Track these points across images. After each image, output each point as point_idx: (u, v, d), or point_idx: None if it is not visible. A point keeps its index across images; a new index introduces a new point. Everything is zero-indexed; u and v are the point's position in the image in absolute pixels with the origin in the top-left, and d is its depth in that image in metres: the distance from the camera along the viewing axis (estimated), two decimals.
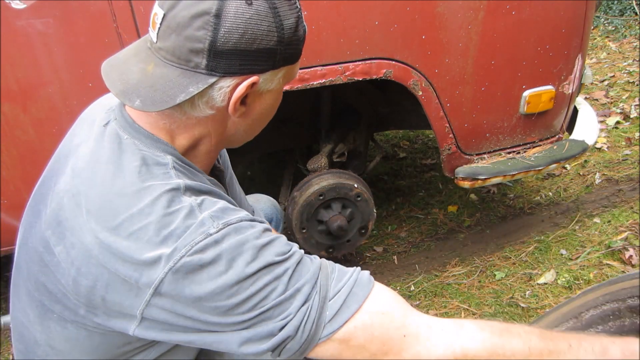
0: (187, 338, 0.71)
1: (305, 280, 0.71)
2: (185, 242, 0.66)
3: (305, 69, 1.51)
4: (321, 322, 0.70)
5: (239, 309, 0.68)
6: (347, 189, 1.87)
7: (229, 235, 0.68)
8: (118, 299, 0.69)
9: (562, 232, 2.29)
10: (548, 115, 1.88)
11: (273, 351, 0.70)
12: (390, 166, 3.20)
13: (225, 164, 1.10)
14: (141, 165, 0.72)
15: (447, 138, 1.77)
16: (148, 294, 0.67)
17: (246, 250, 0.68)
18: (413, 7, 1.53)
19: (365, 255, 2.36)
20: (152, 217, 0.67)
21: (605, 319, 0.98)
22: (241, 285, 0.67)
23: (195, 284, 0.66)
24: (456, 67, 1.65)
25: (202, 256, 0.66)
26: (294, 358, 0.72)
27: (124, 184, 0.70)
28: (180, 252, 0.66)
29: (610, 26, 5.49)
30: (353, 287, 0.72)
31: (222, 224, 0.69)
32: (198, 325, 0.69)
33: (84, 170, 0.74)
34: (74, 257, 0.69)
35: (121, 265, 0.67)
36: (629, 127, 3.22)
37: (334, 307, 0.70)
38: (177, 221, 0.67)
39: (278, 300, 0.69)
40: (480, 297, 1.95)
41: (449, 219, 2.56)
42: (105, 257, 0.67)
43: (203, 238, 0.67)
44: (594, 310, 1.00)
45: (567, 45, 1.76)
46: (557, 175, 2.83)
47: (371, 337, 0.70)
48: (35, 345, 0.80)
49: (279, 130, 2.14)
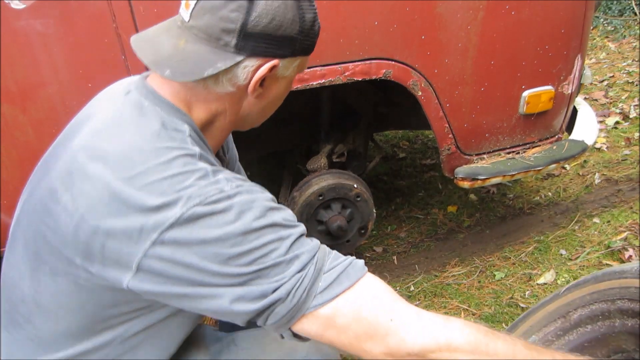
0: (181, 291, 0.70)
1: (305, 250, 0.74)
2: (200, 193, 0.69)
3: (305, 69, 1.51)
4: (312, 292, 0.71)
5: (239, 261, 0.69)
6: (347, 189, 1.87)
7: (241, 193, 0.72)
8: (118, 246, 0.69)
9: (561, 232, 2.29)
10: (547, 116, 1.88)
11: (261, 315, 0.72)
12: (389, 166, 3.20)
13: (232, 157, 1.14)
14: (161, 129, 0.75)
15: (446, 138, 1.77)
16: (150, 240, 0.68)
17: (256, 207, 0.72)
18: (412, 7, 1.53)
19: (365, 255, 2.36)
20: (168, 172, 0.70)
21: (595, 318, 0.98)
22: (246, 237, 0.69)
23: (203, 228, 0.68)
24: (456, 67, 1.65)
25: (214, 206, 0.69)
26: (279, 327, 0.73)
27: (143, 142, 0.73)
28: (194, 201, 0.68)
29: (610, 26, 5.50)
30: (347, 267, 0.76)
31: (236, 185, 0.73)
32: (195, 275, 0.69)
33: (102, 130, 0.76)
34: (80, 203, 0.71)
35: (129, 213, 0.68)
36: (628, 127, 3.22)
37: (327, 280, 0.73)
38: (192, 179, 0.70)
39: (277, 261, 0.71)
40: (480, 298, 1.95)
41: (449, 219, 2.56)
42: (113, 205, 0.69)
43: (217, 193, 0.70)
44: (582, 310, 1.00)
45: (567, 46, 1.76)
46: (557, 175, 2.84)
47: (358, 317, 0.71)
48: (21, 303, 0.79)
49: (279, 131, 2.14)
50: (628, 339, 0.93)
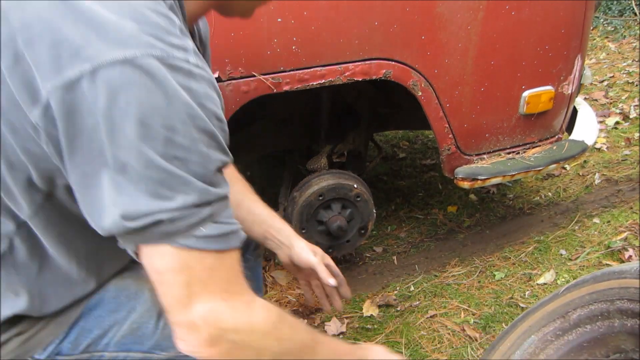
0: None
1: (220, 192, 0.63)
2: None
3: (305, 69, 1.51)
4: (190, 231, 0.61)
5: (163, 145, 0.56)
6: (347, 189, 1.87)
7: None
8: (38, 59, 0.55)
9: (561, 233, 2.29)
10: (547, 116, 1.88)
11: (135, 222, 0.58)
12: (389, 166, 3.20)
13: (205, 47, 0.97)
14: None
15: (446, 138, 1.77)
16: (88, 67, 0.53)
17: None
18: (412, 7, 1.53)
19: (365, 255, 2.36)
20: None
21: (594, 319, 0.98)
22: (190, 126, 0.58)
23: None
24: (456, 67, 1.65)
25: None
26: (131, 244, 0.62)
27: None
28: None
29: (610, 27, 5.50)
30: (231, 233, 0.66)
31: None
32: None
33: None
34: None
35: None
36: (628, 128, 3.23)
37: (210, 230, 0.62)
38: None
39: (188, 178, 0.59)
40: (480, 298, 1.95)
41: (449, 219, 2.56)
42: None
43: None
44: (582, 310, 1.00)
45: (567, 46, 1.76)
46: (557, 175, 2.84)
47: (210, 272, 0.63)
48: None
49: (279, 131, 2.14)
50: (627, 339, 0.93)
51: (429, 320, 1.86)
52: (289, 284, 2.04)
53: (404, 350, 1.73)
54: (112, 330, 0.85)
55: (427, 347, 1.74)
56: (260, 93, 1.51)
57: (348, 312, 1.97)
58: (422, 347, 1.75)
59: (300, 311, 1.98)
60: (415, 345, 1.75)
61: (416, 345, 1.75)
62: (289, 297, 1.98)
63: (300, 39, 1.45)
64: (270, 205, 1.31)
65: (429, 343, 1.76)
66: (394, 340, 1.78)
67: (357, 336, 1.83)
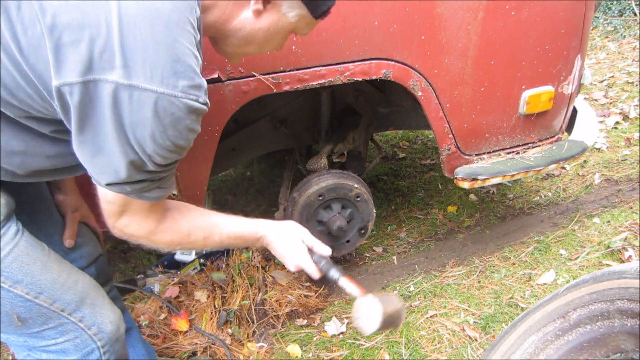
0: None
1: (169, 174, 0.93)
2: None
3: (305, 69, 1.51)
4: (141, 192, 0.91)
5: (152, 153, 0.82)
6: (347, 189, 1.87)
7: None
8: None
9: (561, 233, 2.29)
10: (547, 116, 1.88)
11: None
12: (389, 166, 3.20)
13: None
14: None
15: (446, 138, 1.77)
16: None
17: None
18: (412, 7, 1.53)
19: (365, 255, 2.36)
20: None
21: (594, 319, 0.98)
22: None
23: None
24: (455, 67, 1.65)
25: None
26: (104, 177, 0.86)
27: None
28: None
29: (610, 26, 5.50)
30: (164, 195, 0.96)
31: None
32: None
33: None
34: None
35: None
36: (628, 128, 3.23)
37: (154, 194, 0.93)
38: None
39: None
40: (480, 298, 1.95)
41: (449, 220, 2.56)
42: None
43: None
44: (582, 310, 1.00)
45: (567, 46, 1.76)
46: (557, 175, 2.84)
47: (138, 208, 0.94)
48: None
49: (279, 131, 2.14)
50: (627, 339, 0.93)
51: (429, 320, 1.86)
52: (289, 284, 2.04)
53: (404, 350, 1.73)
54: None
55: (427, 347, 1.74)
56: (260, 93, 1.51)
57: (348, 312, 1.97)
58: (422, 347, 1.75)
59: (301, 311, 1.99)
60: (415, 345, 1.75)
61: (416, 345, 1.75)
62: (289, 297, 1.98)
63: (300, 39, 1.45)
64: (270, 205, 1.31)
65: (429, 343, 1.76)
66: (394, 340, 1.78)
67: (357, 336, 1.83)
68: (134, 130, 0.78)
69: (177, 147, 0.84)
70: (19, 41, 0.73)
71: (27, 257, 0.94)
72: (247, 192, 3.01)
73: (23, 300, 0.94)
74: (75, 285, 1.02)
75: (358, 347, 1.78)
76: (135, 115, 0.76)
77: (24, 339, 1.00)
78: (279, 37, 0.99)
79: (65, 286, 0.99)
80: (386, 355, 1.73)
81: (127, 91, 0.74)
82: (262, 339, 1.87)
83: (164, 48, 0.75)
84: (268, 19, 0.94)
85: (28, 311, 0.95)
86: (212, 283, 1.97)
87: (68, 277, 1.01)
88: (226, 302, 1.92)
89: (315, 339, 1.85)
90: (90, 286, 1.07)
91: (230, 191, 3.06)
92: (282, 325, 1.93)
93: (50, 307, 0.97)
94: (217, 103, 1.46)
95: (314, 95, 2.02)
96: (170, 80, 0.75)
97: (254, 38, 0.97)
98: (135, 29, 0.73)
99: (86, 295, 1.04)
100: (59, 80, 0.74)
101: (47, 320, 0.98)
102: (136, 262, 2.44)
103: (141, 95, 0.74)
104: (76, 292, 1.01)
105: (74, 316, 1.01)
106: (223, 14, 0.93)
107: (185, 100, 0.77)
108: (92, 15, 0.72)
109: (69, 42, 0.72)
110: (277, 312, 1.94)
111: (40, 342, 1.01)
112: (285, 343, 1.84)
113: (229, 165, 2.24)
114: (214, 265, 2.07)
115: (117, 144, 0.79)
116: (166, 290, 1.97)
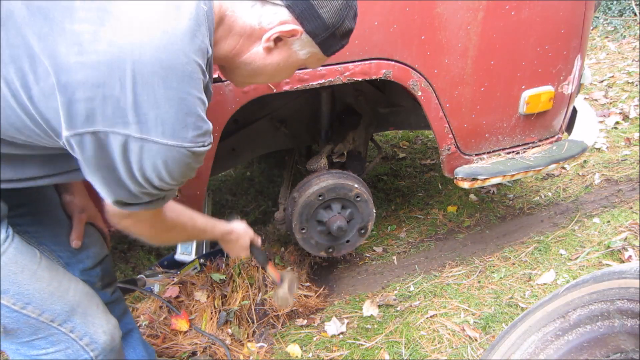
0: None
1: (172, 193, 0.97)
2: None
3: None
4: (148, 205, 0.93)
5: (158, 184, 0.87)
6: (347, 189, 1.87)
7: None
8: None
9: (561, 233, 2.29)
10: (547, 116, 1.88)
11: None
12: (389, 166, 3.20)
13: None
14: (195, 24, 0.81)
15: (446, 138, 1.77)
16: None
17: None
18: (412, 7, 1.53)
19: (365, 255, 2.36)
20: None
21: (594, 319, 0.98)
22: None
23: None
24: (455, 67, 1.65)
25: None
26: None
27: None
28: None
29: (610, 26, 5.50)
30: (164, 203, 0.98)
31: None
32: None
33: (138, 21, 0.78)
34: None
35: None
36: (628, 128, 3.23)
37: (157, 205, 0.95)
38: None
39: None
40: (480, 298, 1.95)
41: (449, 220, 2.56)
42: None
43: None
44: (582, 310, 1.00)
45: (567, 46, 1.76)
46: (557, 175, 2.84)
47: (143, 213, 0.96)
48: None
49: (279, 131, 2.14)
50: (627, 339, 0.93)
51: (429, 320, 1.86)
52: None
53: (404, 350, 1.73)
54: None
55: (427, 347, 1.74)
56: (260, 93, 1.51)
57: (348, 312, 1.97)
58: (422, 347, 1.74)
59: (301, 311, 1.98)
60: (415, 345, 1.75)
61: (416, 345, 1.75)
62: None
63: None
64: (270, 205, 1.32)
65: (429, 343, 1.76)
66: (394, 340, 1.78)
67: (357, 336, 1.83)
68: (142, 173, 0.82)
69: (183, 179, 0.89)
70: (30, 89, 0.75)
71: (14, 265, 0.92)
72: (247, 192, 3.01)
73: (9, 310, 0.92)
74: (66, 294, 1.00)
75: (358, 347, 1.78)
76: (144, 163, 0.80)
77: (15, 347, 0.99)
78: (289, 71, 1.01)
79: (55, 296, 0.98)
80: (386, 355, 1.73)
81: (138, 143, 0.77)
82: (262, 339, 1.87)
83: (176, 104, 0.77)
84: (279, 56, 0.95)
85: (15, 322, 0.93)
86: (212, 283, 1.97)
87: (59, 286, 0.99)
88: (226, 302, 1.92)
89: (315, 339, 1.85)
90: (83, 294, 1.05)
91: (230, 191, 3.06)
92: (282, 325, 1.93)
93: (39, 318, 0.96)
94: (218, 103, 1.46)
95: (314, 95, 2.02)
96: (181, 133, 0.79)
97: (262, 71, 0.98)
98: (149, 89, 0.75)
99: (77, 304, 1.02)
100: (69, 131, 0.76)
101: (36, 331, 0.96)
102: (136, 262, 2.44)
103: (152, 147, 0.78)
104: (67, 302, 0.99)
105: (64, 327, 0.99)
106: (234, 49, 0.94)
107: (193, 148, 0.81)
108: (106, 74, 0.73)
109: (83, 98, 0.73)
110: (277, 312, 1.94)
111: (31, 351, 0.99)
112: (285, 343, 1.84)
113: (229, 165, 2.24)
114: (214, 265, 2.07)
115: (125, 180, 0.83)
116: (166, 290, 1.97)
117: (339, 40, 0.98)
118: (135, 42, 0.74)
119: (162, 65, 0.75)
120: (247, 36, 0.92)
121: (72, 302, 1.00)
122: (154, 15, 0.76)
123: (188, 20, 0.78)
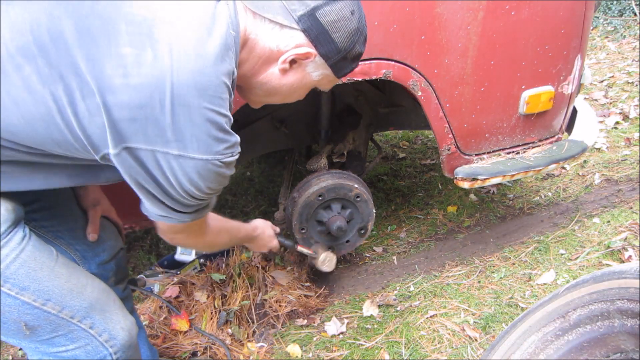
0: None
1: (211, 205, 1.07)
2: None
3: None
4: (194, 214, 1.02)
5: (200, 196, 0.96)
6: (347, 189, 1.87)
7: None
8: None
9: (561, 233, 2.29)
10: (547, 116, 1.88)
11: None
12: (389, 166, 3.20)
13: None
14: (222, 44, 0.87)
15: (446, 138, 1.77)
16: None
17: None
18: (412, 7, 1.53)
19: (365, 255, 2.36)
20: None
21: (594, 319, 0.98)
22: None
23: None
24: (455, 67, 1.65)
25: None
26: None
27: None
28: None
29: (610, 26, 5.50)
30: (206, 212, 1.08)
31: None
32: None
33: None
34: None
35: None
36: (628, 128, 3.23)
37: (200, 215, 1.04)
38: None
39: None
40: (480, 298, 1.95)
41: (449, 220, 2.56)
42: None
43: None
44: (582, 310, 1.00)
45: (567, 46, 1.76)
46: (557, 175, 2.84)
47: (189, 225, 1.05)
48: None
49: (279, 131, 2.14)
50: (627, 339, 0.93)
51: (429, 320, 1.86)
52: (289, 284, 2.04)
53: (404, 350, 1.73)
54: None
55: (427, 347, 1.74)
56: None
57: (348, 312, 1.97)
58: (422, 347, 1.75)
59: (301, 311, 1.98)
60: (415, 345, 1.75)
61: (416, 345, 1.75)
62: (289, 297, 1.98)
63: None
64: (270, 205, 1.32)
65: (429, 343, 1.76)
66: (394, 340, 1.78)
67: (357, 336, 1.83)
68: (181, 185, 0.89)
69: (220, 187, 0.97)
70: (76, 106, 0.81)
71: (33, 262, 0.93)
72: (247, 192, 3.01)
73: (30, 307, 0.93)
74: (84, 291, 1.01)
75: (358, 347, 1.78)
76: (181, 177, 0.88)
77: (35, 345, 0.99)
78: (302, 91, 1.08)
79: (74, 292, 0.99)
80: (386, 355, 1.73)
81: (176, 160, 0.85)
82: (262, 339, 1.87)
83: (210, 121, 0.85)
84: (293, 77, 1.02)
85: (36, 319, 0.94)
86: (212, 283, 1.97)
87: (77, 282, 1.00)
88: (226, 302, 1.92)
89: (315, 339, 1.85)
90: (100, 290, 1.06)
91: (230, 191, 3.06)
92: (282, 325, 1.93)
93: (59, 314, 0.96)
94: None
95: (314, 95, 2.02)
96: (213, 148, 0.87)
97: (278, 91, 1.04)
98: (185, 109, 0.82)
99: (96, 300, 1.03)
100: (114, 149, 0.83)
101: (56, 328, 0.97)
102: (136, 262, 2.44)
103: (189, 162, 0.86)
104: (85, 298, 1.00)
105: (84, 323, 1.00)
106: (252, 69, 1.00)
107: (224, 160, 0.90)
108: (148, 96, 0.80)
109: (126, 118, 0.80)
110: (277, 312, 1.94)
111: (51, 349, 1.00)
112: (285, 343, 1.84)
113: None
114: (214, 265, 2.07)
115: (167, 194, 0.91)
116: (166, 290, 1.97)
117: (350, 63, 1.04)
118: (174, 65, 0.80)
119: (196, 87, 0.82)
120: (266, 58, 0.98)
121: (90, 298, 1.02)
122: (190, 41, 0.82)
123: (218, 45, 0.85)
